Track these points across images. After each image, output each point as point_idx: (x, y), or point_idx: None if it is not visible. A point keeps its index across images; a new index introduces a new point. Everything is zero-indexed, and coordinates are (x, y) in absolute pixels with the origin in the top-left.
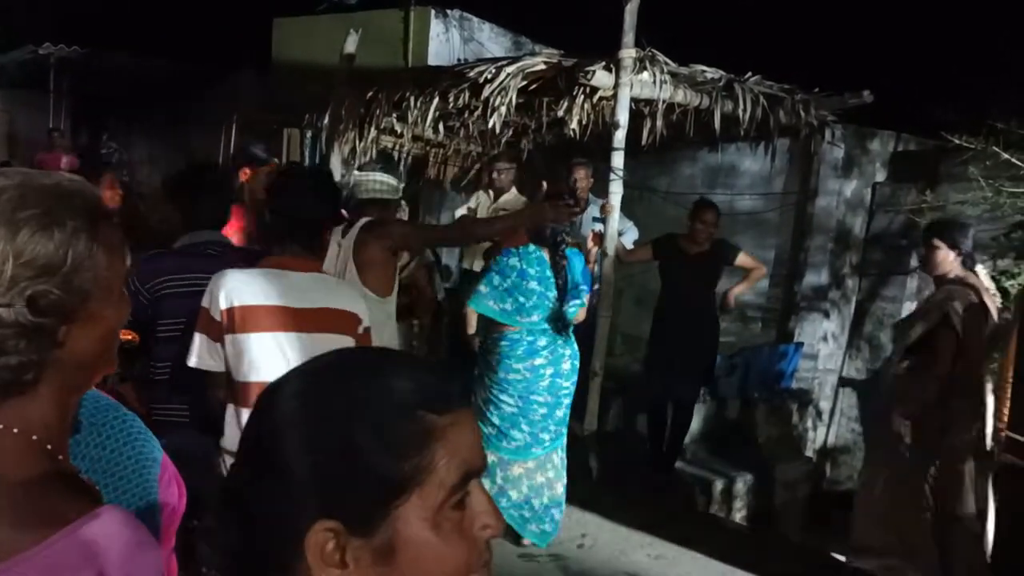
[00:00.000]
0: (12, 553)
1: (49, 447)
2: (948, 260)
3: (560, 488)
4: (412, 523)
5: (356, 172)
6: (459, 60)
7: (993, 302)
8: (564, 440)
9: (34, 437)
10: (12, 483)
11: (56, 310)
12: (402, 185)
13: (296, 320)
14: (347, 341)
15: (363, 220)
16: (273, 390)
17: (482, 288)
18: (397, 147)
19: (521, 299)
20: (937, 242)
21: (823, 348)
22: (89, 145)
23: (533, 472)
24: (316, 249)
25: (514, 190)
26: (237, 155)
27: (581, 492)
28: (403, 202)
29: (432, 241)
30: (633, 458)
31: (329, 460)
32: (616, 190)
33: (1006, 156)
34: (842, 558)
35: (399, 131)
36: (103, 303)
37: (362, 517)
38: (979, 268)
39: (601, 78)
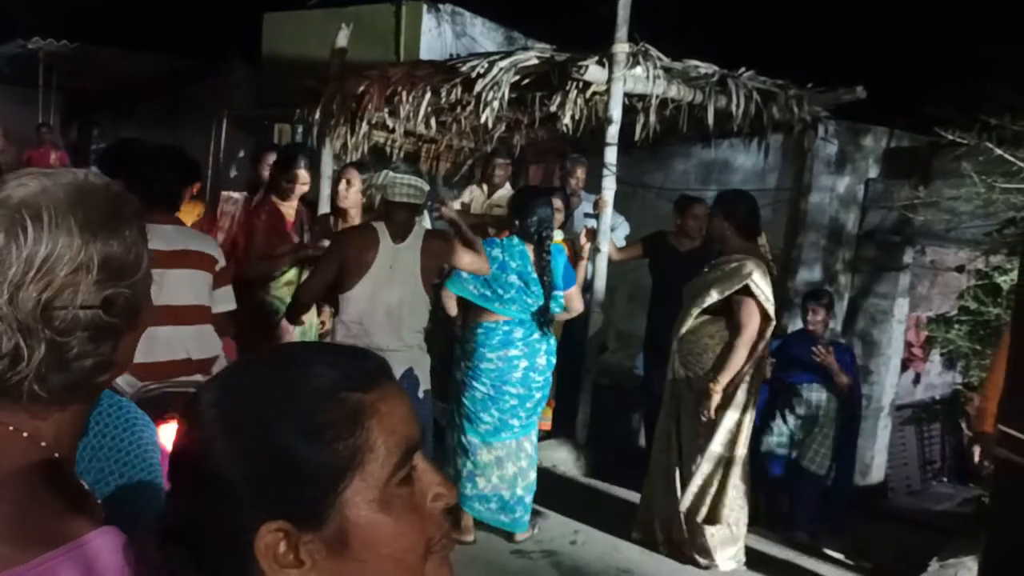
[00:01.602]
0: (5, 568)
1: (56, 455)
2: (727, 231)
3: (533, 475)
4: (360, 506)
5: (389, 172)
6: (451, 55)
7: (767, 265)
8: (535, 429)
9: (43, 444)
10: (14, 494)
11: (126, 311)
12: (427, 188)
13: (163, 259)
14: (206, 276)
15: (425, 226)
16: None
17: (463, 273)
18: (389, 142)
19: (499, 291)
20: (718, 214)
21: None
22: (79, 141)
23: (504, 461)
24: (176, 208)
25: (507, 185)
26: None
27: (574, 488)
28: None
29: (464, 269)
30: (626, 454)
31: (260, 461)
32: (609, 186)
33: (999, 152)
34: (834, 553)
35: (391, 126)
36: (148, 305)
37: (307, 511)
38: (760, 239)
39: (594, 73)
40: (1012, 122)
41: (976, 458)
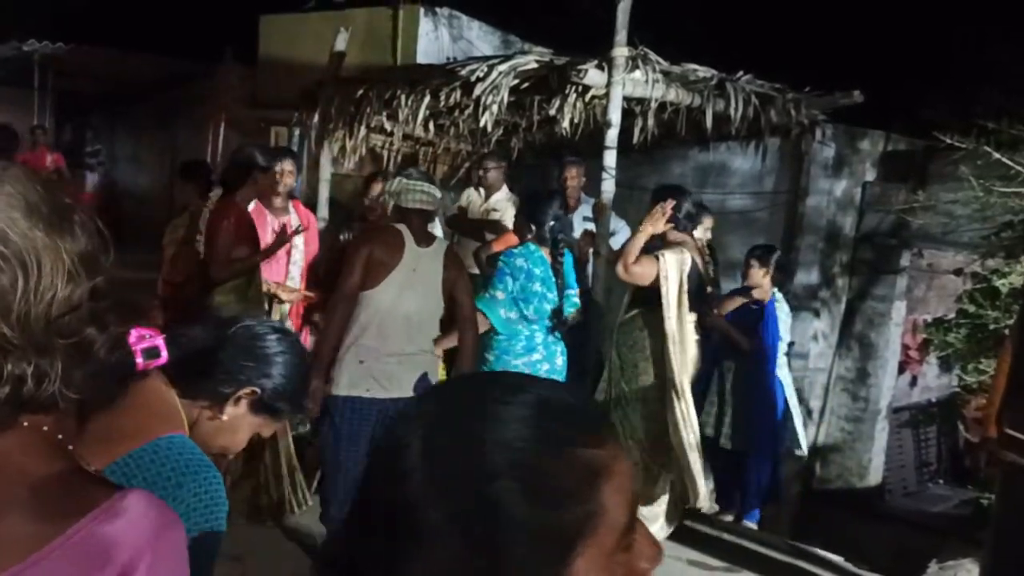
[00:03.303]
0: (39, 545)
1: (60, 436)
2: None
3: None
4: None
5: (402, 179)
6: (448, 59)
7: (701, 258)
8: None
9: (45, 428)
10: (37, 479)
11: (107, 293)
12: (439, 195)
13: None
14: None
15: (442, 240)
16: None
17: (498, 294)
18: (387, 146)
19: (520, 305)
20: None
21: (813, 347)
22: (73, 143)
23: None
24: None
25: (504, 188)
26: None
27: None
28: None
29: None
30: None
31: (478, 523)
32: (608, 189)
33: (997, 156)
34: (832, 556)
35: (389, 129)
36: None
37: None
38: (697, 230)
39: (593, 77)
40: (1009, 126)
41: (982, 462)
